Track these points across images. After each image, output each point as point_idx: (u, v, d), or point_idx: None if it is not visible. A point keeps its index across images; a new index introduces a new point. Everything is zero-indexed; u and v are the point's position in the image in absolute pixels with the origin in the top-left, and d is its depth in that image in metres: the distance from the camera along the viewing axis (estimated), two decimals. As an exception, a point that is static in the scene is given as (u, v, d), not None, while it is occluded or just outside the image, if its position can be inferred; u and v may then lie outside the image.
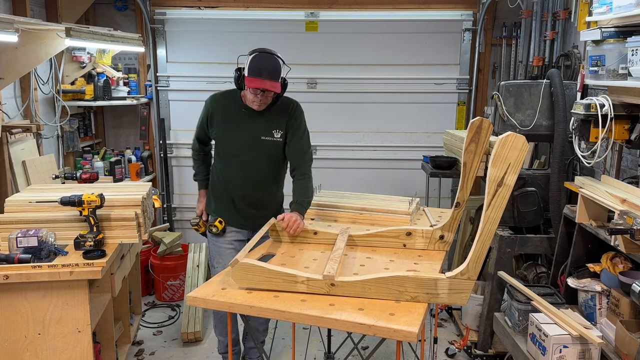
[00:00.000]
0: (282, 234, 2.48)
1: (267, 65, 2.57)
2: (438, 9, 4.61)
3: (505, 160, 1.74)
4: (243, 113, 2.73)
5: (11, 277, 2.28)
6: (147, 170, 4.73)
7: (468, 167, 2.24)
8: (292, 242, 2.47)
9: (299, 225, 2.43)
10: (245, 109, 2.73)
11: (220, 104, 2.78)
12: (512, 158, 1.74)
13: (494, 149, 1.76)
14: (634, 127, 2.49)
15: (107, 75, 4.40)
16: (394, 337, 1.68)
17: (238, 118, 2.74)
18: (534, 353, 2.54)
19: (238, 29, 4.61)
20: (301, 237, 2.46)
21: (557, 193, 3.17)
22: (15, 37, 2.61)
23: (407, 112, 4.77)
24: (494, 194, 1.75)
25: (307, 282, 1.90)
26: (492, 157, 1.75)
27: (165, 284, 4.27)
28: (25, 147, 3.57)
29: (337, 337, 3.43)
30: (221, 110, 2.77)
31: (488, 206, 1.77)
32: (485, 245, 1.81)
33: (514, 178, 1.75)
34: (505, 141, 1.73)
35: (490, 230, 1.79)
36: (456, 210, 2.27)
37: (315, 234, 2.46)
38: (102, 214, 2.55)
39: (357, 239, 2.43)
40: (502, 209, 1.77)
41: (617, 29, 2.36)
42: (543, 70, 3.84)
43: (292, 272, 1.92)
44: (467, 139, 2.18)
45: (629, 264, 2.47)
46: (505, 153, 1.74)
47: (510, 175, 1.74)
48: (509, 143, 1.73)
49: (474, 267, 1.80)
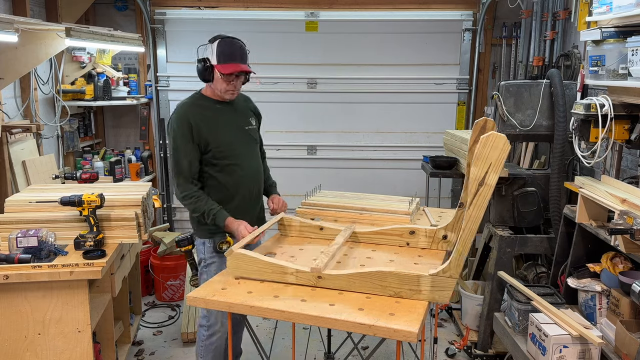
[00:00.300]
0: (290, 229, 2.56)
1: (236, 47, 2.47)
2: (438, 9, 4.61)
3: (486, 159, 1.74)
4: (218, 109, 2.59)
5: (11, 277, 2.28)
6: (147, 170, 4.73)
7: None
8: (299, 236, 2.54)
9: (285, 203, 2.74)
10: (218, 104, 2.60)
11: (192, 110, 2.54)
12: (493, 157, 1.73)
13: (476, 148, 1.76)
14: (634, 127, 2.49)
15: (107, 75, 4.40)
16: (394, 337, 1.68)
17: (218, 116, 2.58)
18: (534, 353, 2.54)
19: (238, 29, 4.60)
20: (307, 232, 2.54)
21: (557, 193, 3.17)
22: (15, 37, 2.61)
23: (407, 112, 4.78)
24: (476, 193, 1.76)
25: (296, 273, 1.97)
26: (474, 157, 1.75)
27: (165, 284, 4.27)
28: (25, 147, 3.57)
29: (337, 337, 3.43)
30: (200, 116, 2.53)
31: (470, 205, 1.77)
32: (467, 244, 1.82)
33: (495, 177, 1.74)
34: (486, 141, 1.73)
35: (472, 229, 1.80)
36: (459, 211, 2.27)
37: (322, 230, 2.50)
38: (102, 214, 2.55)
39: (361, 236, 2.46)
40: (484, 208, 1.78)
41: (617, 29, 2.36)
42: (543, 70, 3.84)
43: (282, 264, 1.99)
44: (471, 139, 2.18)
45: (629, 264, 2.47)
46: (487, 153, 1.73)
47: (492, 174, 1.74)
48: (490, 142, 1.73)
49: (456, 265, 1.82)
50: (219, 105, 2.60)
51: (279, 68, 4.67)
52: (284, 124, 4.80)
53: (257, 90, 4.69)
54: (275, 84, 4.71)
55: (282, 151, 4.84)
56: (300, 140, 4.86)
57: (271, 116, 4.73)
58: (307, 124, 4.84)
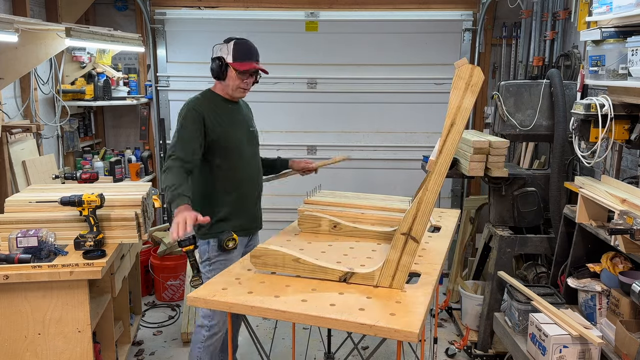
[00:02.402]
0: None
1: (252, 47, 2.61)
2: (438, 9, 4.61)
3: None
4: (229, 107, 2.67)
5: (11, 277, 2.28)
6: (147, 170, 4.73)
7: None
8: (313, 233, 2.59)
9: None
10: (229, 103, 2.68)
11: (206, 104, 2.60)
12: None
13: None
14: (634, 127, 2.49)
15: (107, 75, 4.40)
16: (394, 338, 1.68)
17: (228, 112, 2.66)
18: (534, 353, 2.54)
19: (238, 29, 4.60)
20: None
21: (557, 193, 3.18)
22: (15, 37, 2.61)
23: (407, 112, 4.77)
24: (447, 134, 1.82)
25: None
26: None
27: (165, 284, 4.27)
28: (25, 147, 3.57)
29: (337, 337, 3.43)
30: (211, 109, 2.59)
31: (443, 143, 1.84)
32: (429, 205, 1.86)
33: (472, 100, 1.78)
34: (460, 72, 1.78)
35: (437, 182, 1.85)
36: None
37: (335, 227, 2.55)
38: (102, 214, 2.55)
39: (364, 233, 2.54)
40: (452, 155, 1.83)
41: (617, 29, 2.36)
42: (543, 70, 3.84)
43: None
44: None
45: (629, 264, 2.47)
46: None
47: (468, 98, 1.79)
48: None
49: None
50: (230, 105, 2.69)
51: (279, 68, 4.66)
52: (284, 124, 4.80)
53: (257, 90, 4.67)
54: (275, 84, 4.70)
55: (282, 151, 4.84)
56: (300, 140, 4.86)
57: (271, 116, 4.74)
58: (307, 124, 4.83)
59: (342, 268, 2.03)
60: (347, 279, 2.02)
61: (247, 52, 2.58)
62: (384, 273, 1.97)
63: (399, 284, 1.95)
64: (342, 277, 2.03)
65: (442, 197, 4.72)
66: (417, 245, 1.91)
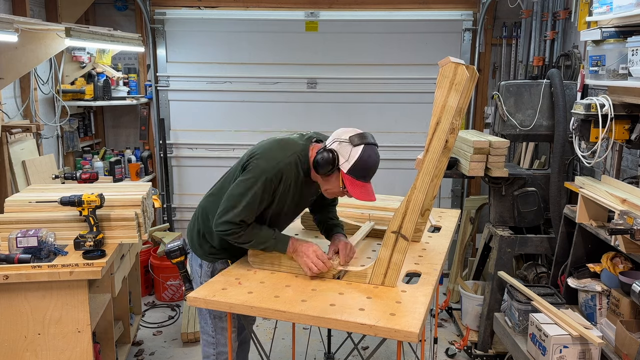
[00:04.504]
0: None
1: (374, 168, 2.13)
2: (438, 9, 4.60)
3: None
4: (307, 181, 2.20)
5: (11, 277, 2.28)
6: (147, 170, 4.73)
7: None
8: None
9: (353, 249, 2.23)
10: (307, 176, 2.18)
11: (289, 175, 2.13)
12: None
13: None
14: (634, 127, 2.49)
15: (107, 75, 4.40)
16: (394, 338, 1.68)
17: (301, 188, 2.20)
18: (534, 353, 2.54)
19: (238, 29, 4.61)
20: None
21: (557, 193, 3.18)
22: (15, 37, 2.61)
23: (407, 112, 4.77)
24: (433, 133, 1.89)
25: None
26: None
27: (165, 284, 4.27)
28: (25, 147, 3.56)
29: (337, 337, 3.43)
30: (289, 181, 2.14)
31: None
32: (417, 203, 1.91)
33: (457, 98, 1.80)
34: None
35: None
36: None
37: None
38: (102, 214, 2.55)
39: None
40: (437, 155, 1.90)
41: (617, 29, 2.36)
42: (543, 70, 3.84)
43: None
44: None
45: (629, 264, 2.47)
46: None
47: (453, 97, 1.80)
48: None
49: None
50: (307, 177, 2.19)
51: (279, 68, 4.66)
52: (284, 124, 4.79)
53: (257, 91, 4.70)
54: (275, 83, 4.70)
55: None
56: (300, 140, 4.85)
57: (271, 116, 4.74)
58: (307, 124, 4.82)
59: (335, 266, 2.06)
60: (340, 277, 2.06)
61: (367, 172, 2.11)
62: (375, 271, 1.98)
63: (391, 282, 1.97)
64: (336, 275, 2.06)
65: (442, 197, 4.72)
66: (407, 243, 1.91)
